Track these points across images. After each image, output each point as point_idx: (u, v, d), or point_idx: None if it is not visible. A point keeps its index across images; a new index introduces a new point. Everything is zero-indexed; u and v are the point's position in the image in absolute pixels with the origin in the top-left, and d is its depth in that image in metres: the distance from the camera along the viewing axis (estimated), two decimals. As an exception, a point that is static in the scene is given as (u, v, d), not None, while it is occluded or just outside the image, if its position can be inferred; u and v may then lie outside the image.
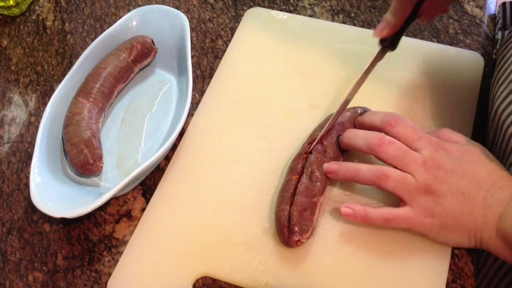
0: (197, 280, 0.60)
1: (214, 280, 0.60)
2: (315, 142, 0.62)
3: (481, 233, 0.54)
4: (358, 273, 0.58)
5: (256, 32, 0.80)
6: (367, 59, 0.66)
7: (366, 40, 0.76)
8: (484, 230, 0.54)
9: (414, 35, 0.79)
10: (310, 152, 0.62)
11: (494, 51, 0.78)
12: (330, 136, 0.63)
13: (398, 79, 0.73)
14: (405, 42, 0.76)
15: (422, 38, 0.78)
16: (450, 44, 0.77)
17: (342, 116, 0.65)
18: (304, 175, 0.60)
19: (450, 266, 0.59)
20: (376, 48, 0.66)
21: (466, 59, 0.74)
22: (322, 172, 0.61)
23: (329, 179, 0.62)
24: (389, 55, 0.67)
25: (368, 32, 0.77)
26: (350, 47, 0.76)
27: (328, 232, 0.61)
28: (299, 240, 0.58)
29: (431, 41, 0.78)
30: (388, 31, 0.64)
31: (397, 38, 0.65)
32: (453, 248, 0.60)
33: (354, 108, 0.66)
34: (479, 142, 0.61)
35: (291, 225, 0.58)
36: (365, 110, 0.66)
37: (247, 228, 0.62)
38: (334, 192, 0.64)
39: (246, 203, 0.64)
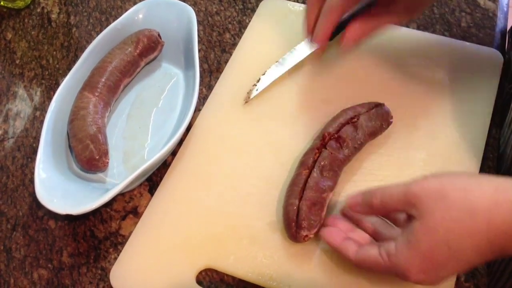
0: (201, 272, 0.59)
1: (217, 273, 0.60)
2: (327, 138, 0.61)
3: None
4: (364, 270, 0.57)
5: (270, 23, 0.78)
6: (382, 52, 0.65)
7: (382, 33, 0.75)
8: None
9: (426, 28, 0.77)
10: (324, 147, 0.61)
11: (506, 49, 0.76)
12: (346, 133, 0.62)
13: (414, 76, 0.71)
14: (420, 37, 0.75)
15: (433, 32, 0.77)
16: (463, 38, 0.76)
17: (356, 110, 0.64)
18: (315, 170, 0.59)
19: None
20: (392, 42, 0.65)
21: (485, 56, 0.72)
22: (334, 168, 0.60)
23: (340, 175, 0.61)
24: (402, 50, 0.66)
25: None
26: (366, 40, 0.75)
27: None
28: (306, 236, 0.57)
29: (443, 34, 0.76)
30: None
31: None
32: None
33: (369, 103, 0.65)
34: (493, 144, 0.59)
35: (299, 219, 0.57)
36: (377, 105, 0.64)
37: (253, 222, 0.61)
38: (345, 188, 0.63)
39: (253, 196, 0.63)
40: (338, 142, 0.61)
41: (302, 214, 0.57)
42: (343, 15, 0.62)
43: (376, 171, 0.64)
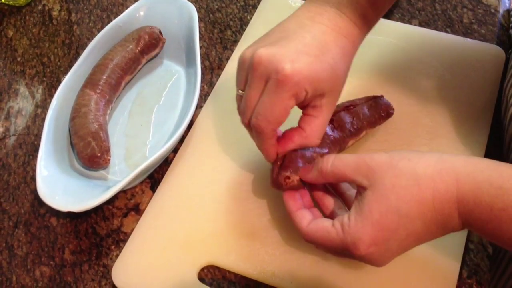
0: (202, 269, 0.60)
1: (219, 270, 0.60)
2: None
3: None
4: (366, 266, 0.57)
5: (272, 20, 0.78)
6: (384, 49, 0.64)
7: (383, 30, 0.75)
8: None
9: (428, 25, 0.77)
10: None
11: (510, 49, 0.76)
12: (339, 117, 0.61)
13: (416, 73, 0.71)
14: (421, 33, 0.75)
15: (435, 28, 0.76)
16: (465, 34, 0.75)
17: (353, 101, 0.64)
18: None
19: (466, 261, 0.58)
20: (394, 39, 0.65)
21: (487, 53, 0.72)
22: (326, 141, 0.59)
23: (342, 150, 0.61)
24: (404, 47, 0.66)
25: (386, 22, 0.76)
26: (368, 36, 0.75)
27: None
28: (288, 177, 0.54)
29: (445, 31, 0.76)
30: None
31: None
32: (468, 243, 0.58)
33: (367, 96, 0.64)
34: (495, 141, 0.59)
35: (284, 162, 0.55)
36: (375, 97, 0.64)
37: (254, 218, 0.61)
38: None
39: (255, 193, 0.63)
40: (331, 123, 0.60)
41: (288, 157, 0.55)
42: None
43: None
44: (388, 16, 0.78)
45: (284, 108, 0.51)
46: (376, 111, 0.63)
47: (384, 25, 0.76)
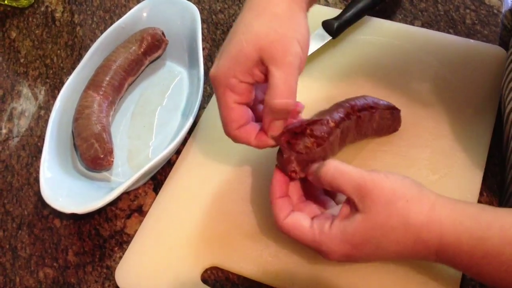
0: (206, 271, 0.59)
1: (222, 271, 0.59)
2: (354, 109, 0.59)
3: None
4: (370, 266, 0.57)
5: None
6: (386, 49, 0.64)
7: (386, 31, 0.75)
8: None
9: (430, 26, 0.77)
10: (349, 117, 0.58)
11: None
12: (364, 116, 0.60)
13: (419, 73, 0.71)
14: (424, 34, 0.75)
15: (438, 29, 0.76)
16: (467, 35, 0.75)
17: (377, 104, 0.62)
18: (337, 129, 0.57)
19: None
20: (397, 40, 0.65)
21: (489, 54, 0.72)
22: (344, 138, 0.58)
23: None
24: (407, 47, 0.65)
25: (388, 23, 0.76)
26: (370, 38, 0.75)
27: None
28: (295, 171, 0.53)
29: (448, 32, 0.76)
30: None
31: None
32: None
33: (389, 103, 0.63)
34: (498, 142, 0.59)
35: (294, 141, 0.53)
36: (395, 108, 0.64)
37: (258, 220, 0.61)
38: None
39: (258, 194, 0.63)
40: (358, 120, 0.59)
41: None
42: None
43: (381, 169, 0.63)
44: (390, 17, 0.78)
45: (225, 104, 0.53)
46: (387, 123, 0.63)
47: (386, 26, 0.76)
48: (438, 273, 0.56)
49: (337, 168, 0.50)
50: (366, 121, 0.60)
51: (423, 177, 0.62)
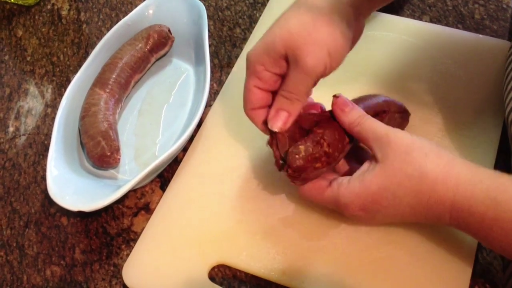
0: (213, 268, 0.59)
1: (230, 269, 0.59)
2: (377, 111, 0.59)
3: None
4: (377, 265, 0.57)
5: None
6: (395, 45, 0.63)
7: (394, 26, 0.75)
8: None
9: (439, 21, 0.76)
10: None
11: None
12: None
13: (427, 69, 0.70)
14: (432, 29, 0.74)
15: (446, 24, 0.76)
16: (476, 30, 0.75)
17: (389, 105, 0.61)
18: None
19: (478, 260, 0.57)
20: (405, 36, 0.64)
21: (499, 49, 0.71)
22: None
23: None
24: (415, 43, 0.65)
25: (396, 19, 0.76)
26: (378, 33, 0.74)
27: (348, 222, 0.59)
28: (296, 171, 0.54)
29: (456, 27, 0.75)
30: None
31: None
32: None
33: (401, 105, 0.62)
34: (508, 137, 0.58)
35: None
36: (406, 111, 0.63)
37: (265, 217, 0.61)
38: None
39: (265, 191, 0.63)
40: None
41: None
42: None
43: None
44: (398, 12, 0.78)
45: (248, 86, 0.56)
46: (394, 125, 0.61)
47: (394, 21, 0.76)
48: (447, 272, 0.55)
49: (367, 120, 0.53)
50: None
51: (432, 174, 0.61)
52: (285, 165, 0.54)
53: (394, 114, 0.61)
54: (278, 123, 0.55)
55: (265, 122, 0.56)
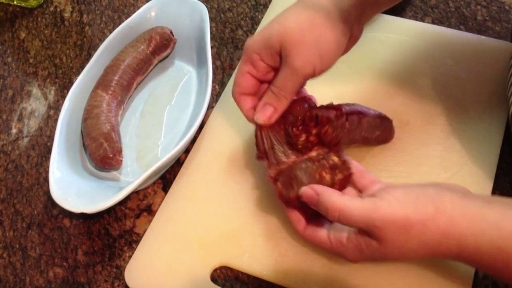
0: (215, 270, 0.59)
1: (232, 270, 0.59)
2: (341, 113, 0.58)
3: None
4: (379, 267, 0.56)
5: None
6: (397, 47, 0.63)
7: (396, 28, 0.75)
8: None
9: (441, 22, 0.76)
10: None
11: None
12: (352, 120, 0.59)
13: (430, 70, 0.70)
14: (435, 31, 0.74)
15: (449, 26, 0.76)
16: (478, 32, 0.74)
17: (365, 111, 0.61)
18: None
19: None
20: (407, 37, 0.64)
21: (501, 50, 0.71)
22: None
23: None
24: (417, 44, 0.65)
25: (399, 20, 0.76)
26: (380, 35, 0.74)
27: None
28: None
29: (459, 28, 0.75)
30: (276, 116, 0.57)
31: None
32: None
33: (379, 113, 0.62)
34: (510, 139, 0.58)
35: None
36: (385, 118, 0.63)
37: (267, 219, 0.61)
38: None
39: (267, 193, 0.63)
40: (347, 121, 0.58)
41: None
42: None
43: (391, 167, 0.63)
44: (401, 13, 0.78)
45: (241, 71, 0.57)
46: (376, 132, 0.61)
47: (397, 23, 0.76)
48: (450, 274, 0.55)
49: (342, 213, 0.49)
50: (354, 125, 0.59)
51: (435, 175, 0.61)
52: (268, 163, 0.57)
53: (373, 119, 0.61)
54: (264, 117, 0.56)
55: (250, 110, 0.58)
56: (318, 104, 0.59)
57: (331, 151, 0.56)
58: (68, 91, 0.69)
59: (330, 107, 0.58)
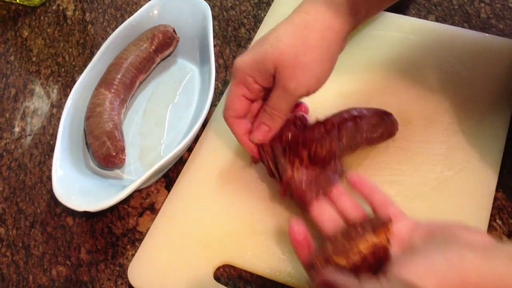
0: (218, 269, 0.59)
1: (235, 269, 0.59)
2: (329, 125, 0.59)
3: None
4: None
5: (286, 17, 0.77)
6: (400, 44, 0.63)
7: (400, 25, 0.74)
8: None
9: (444, 20, 0.76)
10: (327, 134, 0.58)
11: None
12: (346, 128, 0.59)
13: (433, 68, 0.70)
14: (438, 29, 0.74)
15: (452, 23, 0.75)
16: (482, 29, 0.74)
17: (362, 112, 0.61)
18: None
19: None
20: (410, 35, 0.64)
21: (505, 48, 0.71)
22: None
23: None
24: (421, 42, 0.65)
25: (402, 18, 0.75)
26: (383, 33, 0.74)
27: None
28: None
29: (462, 26, 0.75)
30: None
31: None
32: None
33: (377, 109, 0.62)
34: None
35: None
36: (385, 113, 0.62)
37: (270, 217, 0.61)
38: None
39: (270, 191, 0.63)
40: (339, 132, 0.58)
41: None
42: None
43: (394, 166, 0.63)
44: (404, 11, 0.77)
45: (235, 94, 0.57)
46: (378, 130, 0.61)
47: (400, 20, 0.75)
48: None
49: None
50: (352, 131, 0.59)
51: (438, 173, 0.61)
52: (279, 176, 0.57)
53: (371, 118, 0.61)
54: (259, 136, 0.57)
55: (244, 136, 0.59)
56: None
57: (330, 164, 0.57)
58: (70, 90, 0.69)
59: (316, 124, 0.58)
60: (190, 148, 0.68)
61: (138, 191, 0.66)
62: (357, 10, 0.55)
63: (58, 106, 0.76)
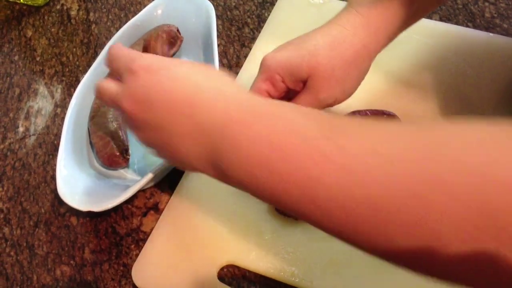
0: (222, 269, 0.59)
1: (239, 269, 0.59)
2: None
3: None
4: (388, 267, 0.56)
5: (290, 17, 0.77)
6: (404, 44, 0.63)
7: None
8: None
9: (448, 20, 0.76)
10: None
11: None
12: None
13: (437, 68, 0.70)
14: (442, 28, 0.74)
15: (456, 23, 0.75)
16: (486, 29, 0.74)
17: (365, 115, 0.62)
18: None
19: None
20: (414, 34, 0.64)
21: (509, 48, 0.71)
22: None
23: None
24: (425, 42, 0.64)
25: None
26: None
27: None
28: None
29: (466, 25, 0.75)
30: None
31: None
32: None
33: (382, 111, 0.63)
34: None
35: None
36: (388, 114, 0.63)
37: (274, 217, 0.61)
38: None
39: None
40: None
41: None
42: None
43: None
44: (408, 11, 0.77)
45: (259, 89, 0.56)
46: None
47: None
48: None
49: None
50: None
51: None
52: None
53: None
54: None
55: None
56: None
57: None
58: (75, 89, 0.69)
59: None
60: (194, 148, 0.68)
61: (142, 191, 0.66)
62: (393, 33, 0.57)
63: (62, 106, 0.76)
